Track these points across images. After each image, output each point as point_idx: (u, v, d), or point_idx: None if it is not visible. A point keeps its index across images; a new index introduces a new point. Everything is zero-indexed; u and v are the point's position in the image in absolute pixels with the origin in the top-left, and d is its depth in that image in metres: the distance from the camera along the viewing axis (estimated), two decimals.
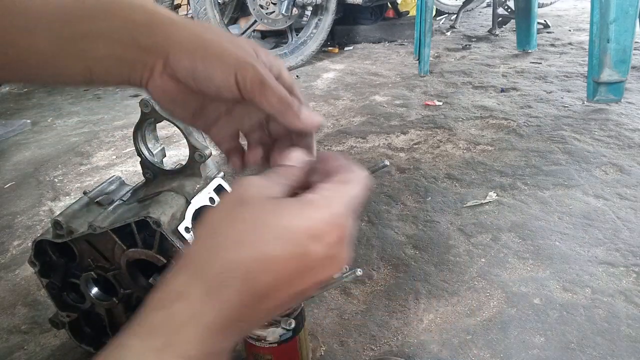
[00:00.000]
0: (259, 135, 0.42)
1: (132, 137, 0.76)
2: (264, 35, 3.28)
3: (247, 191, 0.30)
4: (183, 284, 0.28)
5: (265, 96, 0.35)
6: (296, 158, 0.35)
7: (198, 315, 0.27)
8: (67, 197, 1.37)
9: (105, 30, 0.34)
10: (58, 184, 1.46)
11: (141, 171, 0.77)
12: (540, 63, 2.37)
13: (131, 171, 1.51)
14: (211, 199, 0.71)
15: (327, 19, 2.72)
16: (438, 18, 3.87)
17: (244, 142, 0.43)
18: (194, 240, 0.31)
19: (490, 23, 3.15)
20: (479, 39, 3.06)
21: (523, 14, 2.52)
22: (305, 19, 2.83)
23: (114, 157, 1.64)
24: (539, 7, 2.67)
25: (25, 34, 0.34)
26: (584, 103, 1.77)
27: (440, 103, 1.91)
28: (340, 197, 0.30)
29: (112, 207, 0.70)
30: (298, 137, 0.39)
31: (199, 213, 0.69)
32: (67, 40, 0.34)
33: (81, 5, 0.34)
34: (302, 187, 0.34)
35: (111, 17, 0.34)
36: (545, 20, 3.18)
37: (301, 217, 0.29)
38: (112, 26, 0.34)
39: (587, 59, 1.69)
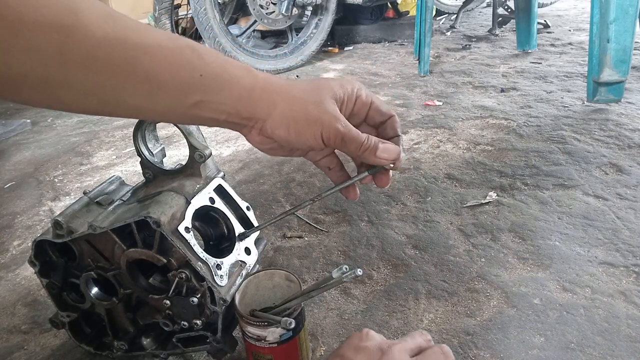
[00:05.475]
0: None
1: (132, 137, 0.76)
2: (264, 35, 3.28)
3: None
4: None
5: (346, 147, 0.45)
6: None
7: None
8: (67, 197, 1.37)
9: (215, 103, 0.42)
10: (58, 184, 1.46)
11: (141, 171, 0.77)
12: (540, 63, 2.37)
13: (131, 171, 1.51)
14: (211, 199, 0.71)
15: (327, 19, 2.73)
16: (438, 18, 3.87)
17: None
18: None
19: (490, 23, 3.15)
20: (479, 39, 3.06)
21: (523, 14, 2.52)
22: (305, 19, 2.83)
23: (114, 157, 1.64)
24: (539, 7, 2.67)
25: (147, 98, 0.39)
26: (584, 103, 1.77)
27: (440, 103, 1.91)
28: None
29: (112, 207, 0.70)
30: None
31: (198, 213, 0.69)
32: (183, 106, 0.41)
33: (199, 79, 0.41)
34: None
35: (220, 92, 0.42)
36: (545, 20, 3.18)
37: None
38: (220, 100, 0.42)
39: (587, 59, 1.69)
